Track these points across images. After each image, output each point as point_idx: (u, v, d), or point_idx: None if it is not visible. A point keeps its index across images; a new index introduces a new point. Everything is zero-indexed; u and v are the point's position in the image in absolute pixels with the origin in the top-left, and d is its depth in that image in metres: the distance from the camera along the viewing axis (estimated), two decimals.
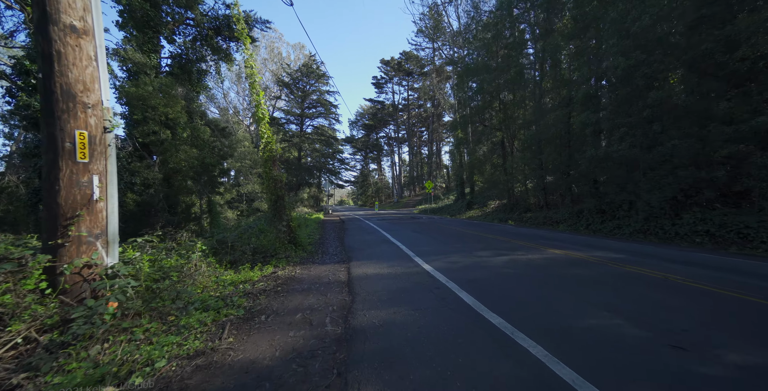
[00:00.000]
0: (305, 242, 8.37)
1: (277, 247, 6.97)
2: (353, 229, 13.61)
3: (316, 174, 40.85)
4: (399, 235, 10.67)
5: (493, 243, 8.25)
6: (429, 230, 12.42)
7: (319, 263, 6.60)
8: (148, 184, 15.08)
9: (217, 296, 4.17)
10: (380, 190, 60.00)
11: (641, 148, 8.27)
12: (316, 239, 10.22)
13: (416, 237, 10.02)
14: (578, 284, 4.38)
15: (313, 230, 12.60)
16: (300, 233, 9.21)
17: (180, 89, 18.69)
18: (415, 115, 59.23)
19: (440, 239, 9.53)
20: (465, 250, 7.24)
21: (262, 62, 40.86)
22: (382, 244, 8.80)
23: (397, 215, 23.89)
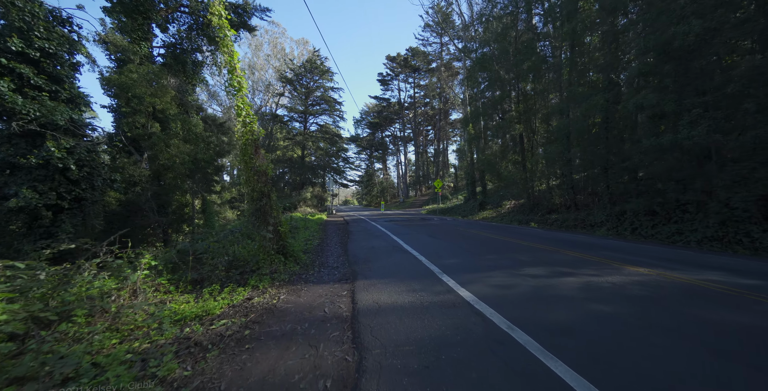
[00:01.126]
0: (299, 250, 6.70)
1: (261, 259, 5.31)
2: (358, 232, 11.93)
3: (320, 173, 39.34)
4: (413, 240, 8.96)
5: (538, 254, 6.49)
6: (447, 233, 10.68)
7: (314, 281, 4.92)
8: (134, 181, 13.58)
9: (136, 353, 2.49)
10: (385, 190, 58.31)
11: (723, 134, 6.45)
12: (314, 245, 8.55)
13: (435, 244, 8.29)
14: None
15: (312, 234, 10.95)
16: (294, 239, 7.55)
17: (173, 80, 17.21)
18: (421, 113, 57.50)
19: (465, 246, 7.79)
20: (506, 264, 5.50)
21: (265, 59, 39.51)
22: (394, 252, 7.10)
23: (405, 216, 22.16)
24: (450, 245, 8.02)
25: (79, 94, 10.64)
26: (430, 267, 5.41)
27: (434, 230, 11.70)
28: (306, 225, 13.63)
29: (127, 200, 13.27)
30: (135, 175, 13.37)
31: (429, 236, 9.78)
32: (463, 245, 7.98)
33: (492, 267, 5.27)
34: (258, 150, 5.66)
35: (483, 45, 17.66)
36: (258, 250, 5.35)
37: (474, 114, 21.82)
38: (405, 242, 8.68)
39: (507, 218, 17.00)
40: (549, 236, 9.78)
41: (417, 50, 47.25)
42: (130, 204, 13.41)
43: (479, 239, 9.14)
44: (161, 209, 15.48)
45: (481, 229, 12.25)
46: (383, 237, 9.96)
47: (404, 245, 8.14)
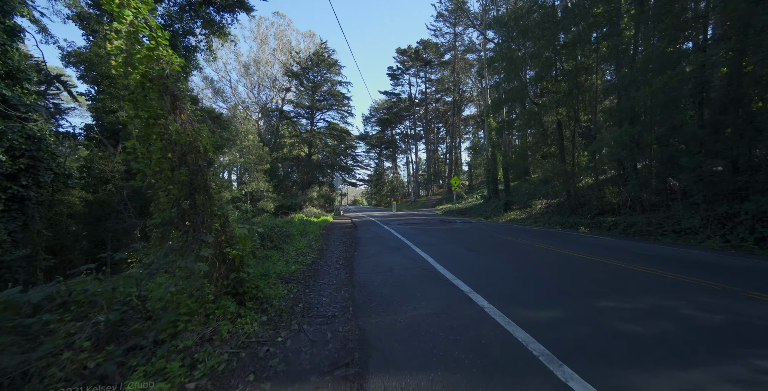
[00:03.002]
0: (272, 282, 4.09)
1: (184, 313, 2.71)
2: (369, 240, 9.29)
3: (327, 172, 36.95)
4: (447, 256, 6.25)
5: (691, 292, 3.70)
6: (485, 243, 7.92)
7: (280, 370, 2.29)
8: (105, 178, 11.32)
9: None
10: (395, 189, 55.61)
11: None
12: (305, 264, 5.93)
13: (483, 264, 5.56)
14: None
15: (309, 243, 8.36)
16: (270, 261, 4.91)
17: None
18: (433, 110, 54.53)
19: (533, 271, 5.04)
20: (676, 333, 2.77)
21: (270, 53, 37.36)
22: (427, 283, 4.41)
23: (420, 217, 19.40)
24: (509, 267, 5.26)
25: (19, 68, 8.35)
26: (517, 336, 2.69)
27: (465, 238, 8.95)
28: (305, 230, 11.09)
29: (97, 199, 11.01)
30: (106, 170, 11.11)
31: (465, 249, 7.04)
32: (529, 268, 5.21)
33: (652, 342, 2.53)
34: (180, 104, 3.09)
35: (515, 19, 14.71)
36: (178, 297, 2.74)
37: (495, 104, 18.87)
38: (436, 259, 5.98)
39: (543, 221, 14.06)
40: (631, 248, 6.91)
41: (428, 42, 44.33)
42: (102, 205, 11.15)
43: (539, 254, 6.35)
44: (144, 210, 13.23)
45: (523, 236, 9.42)
46: (402, 249, 7.28)
47: (437, 265, 5.44)
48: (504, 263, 5.49)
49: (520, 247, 7.28)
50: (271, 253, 6.28)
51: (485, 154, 38.11)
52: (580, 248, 6.93)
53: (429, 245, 7.80)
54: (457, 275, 4.67)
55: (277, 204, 29.30)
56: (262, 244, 6.69)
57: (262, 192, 28.24)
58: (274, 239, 7.02)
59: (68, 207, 10.08)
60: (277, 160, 33.04)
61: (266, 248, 6.62)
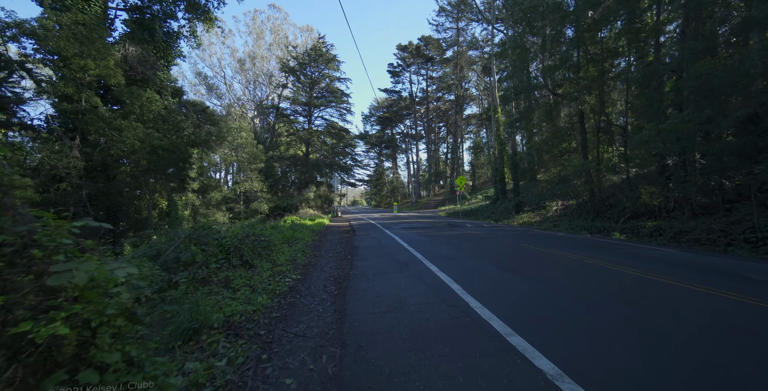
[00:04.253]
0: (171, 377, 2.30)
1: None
2: (369, 250, 7.52)
3: (326, 172, 35.16)
4: (477, 280, 4.46)
5: None
6: (516, 256, 6.16)
7: None
8: (58, 176, 9.52)
9: None
10: (396, 189, 53.86)
11: None
12: (281, 292, 4.12)
13: (553, 303, 3.77)
14: None
15: (293, 256, 6.54)
16: (197, 310, 3.12)
17: (132, 48, 13.18)
18: (434, 109, 52.87)
19: (617, 311, 3.27)
20: None
21: (267, 48, 35.59)
22: (464, 339, 2.62)
23: (424, 220, 17.63)
24: (591, 309, 3.48)
25: None
26: None
27: (488, 249, 7.18)
28: (293, 236, 9.31)
29: (46, 200, 9.20)
30: (59, 166, 9.30)
31: (497, 267, 5.26)
32: (623, 310, 3.42)
33: None
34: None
35: None
36: None
37: (506, 97, 17.12)
38: (465, 286, 4.18)
39: (563, 225, 12.30)
40: (719, 266, 5.15)
41: (430, 39, 42.68)
42: (53, 206, 9.30)
43: (604, 275, 4.57)
44: (111, 213, 11.42)
45: (555, 245, 7.65)
46: (412, 266, 5.50)
47: (470, 299, 3.64)
48: (574, 297, 3.71)
49: (568, 263, 5.50)
50: (237, 274, 4.51)
51: (490, 153, 36.25)
52: (648, 266, 5.17)
53: (446, 259, 6.02)
54: (511, 324, 2.89)
55: (272, 205, 27.48)
56: (227, 261, 4.91)
57: (255, 192, 26.43)
58: (245, 254, 5.26)
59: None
60: (273, 160, 31.23)
61: (232, 266, 4.84)
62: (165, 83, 15.84)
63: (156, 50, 14.98)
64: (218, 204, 24.54)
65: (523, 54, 14.75)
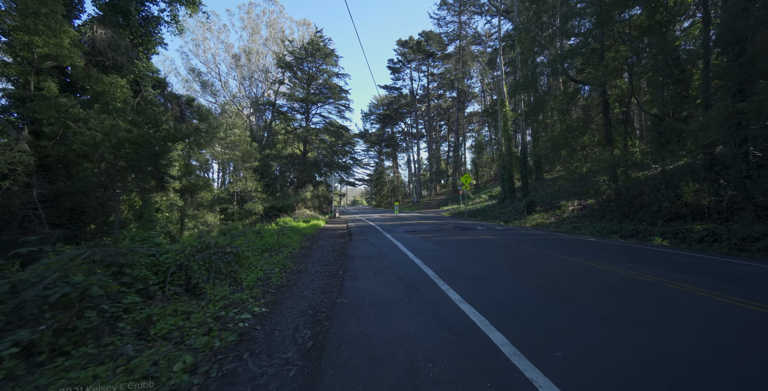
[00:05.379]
0: None
1: None
2: (366, 263, 6.00)
3: (324, 171, 33.64)
4: (524, 324, 2.91)
5: None
6: (574, 280, 4.61)
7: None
8: (1, 173, 8.00)
9: None
10: (396, 189, 52.32)
11: None
12: (226, 342, 2.60)
13: (675, 373, 2.23)
14: None
15: (267, 274, 4.99)
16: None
17: (101, 31, 11.65)
18: (435, 106, 51.36)
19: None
20: None
21: (263, 43, 34.08)
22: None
23: (428, 222, 16.10)
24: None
25: None
26: None
27: (516, 262, 5.64)
28: (278, 244, 7.79)
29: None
30: (0, 161, 7.79)
31: (543, 294, 3.71)
32: None
33: None
34: None
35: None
36: None
37: (515, 87, 15.51)
38: (515, 338, 2.65)
39: (586, 227, 10.76)
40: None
41: (431, 34, 41.14)
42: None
43: (736, 320, 3.06)
44: (74, 215, 9.90)
45: (596, 256, 6.11)
46: (423, 290, 3.96)
47: (540, 378, 2.11)
48: (723, 370, 2.18)
49: (646, 290, 3.95)
50: (168, 310, 2.99)
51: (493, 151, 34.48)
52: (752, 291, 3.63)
53: (466, 278, 4.49)
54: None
55: (268, 206, 25.98)
56: (162, 289, 3.39)
57: (249, 192, 24.93)
58: (194, 275, 3.75)
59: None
60: (269, 158, 29.70)
61: (167, 297, 3.30)
62: (145, 73, 14.31)
63: (133, 36, 13.45)
64: (210, 205, 23.01)
65: (537, 38, 13.19)
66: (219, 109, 34.56)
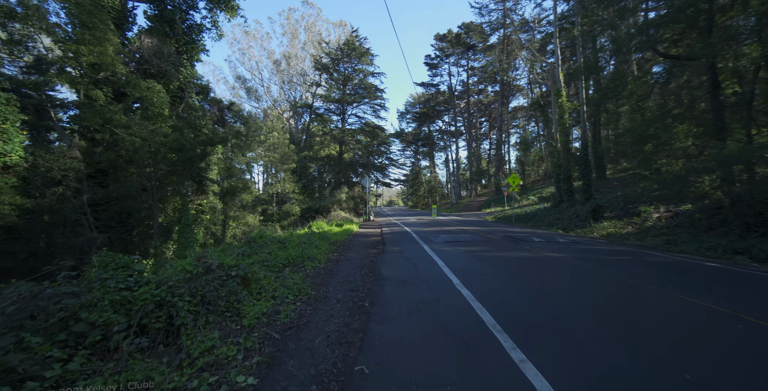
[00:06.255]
0: None
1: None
2: (397, 289, 4.79)
3: (360, 172, 33.20)
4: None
5: None
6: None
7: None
8: (54, 179, 8.35)
9: None
10: (434, 189, 50.25)
11: None
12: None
13: None
14: None
15: (273, 307, 3.98)
16: None
17: (148, 40, 12.07)
18: (475, 102, 48.31)
19: None
20: None
21: (301, 47, 34.73)
22: None
23: (472, 229, 14.37)
24: None
25: None
26: None
27: (615, 304, 3.96)
28: (302, 256, 6.95)
29: (41, 207, 8.05)
30: (54, 168, 8.10)
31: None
32: None
33: None
34: None
35: None
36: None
37: (583, 68, 13.03)
38: None
39: (686, 243, 8.27)
40: None
41: (471, 25, 38.48)
42: (49, 213, 8.16)
43: None
44: (122, 219, 10.26)
45: (742, 300, 4.14)
46: (484, 355, 2.62)
47: None
48: None
49: None
50: (127, 376, 2.11)
51: (547, 146, 30.58)
52: None
53: (552, 340, 3.02)
54: None
55: (305, 207, 26.16)
56: (133, 337, 2.56)
57: (287, 194, 25.29)
58: (180, 312, 2.89)
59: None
60: (306, 160, 30.04)
61: (132, 352, 2.45)
62: (189, 80, 14.79)
63: (178, 44, 13.88)
64: (252, 206, 23.70)
65: (608, 9, 10.79)
66: (262, 114, 36.06)
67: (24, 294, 2.26)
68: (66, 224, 8.57)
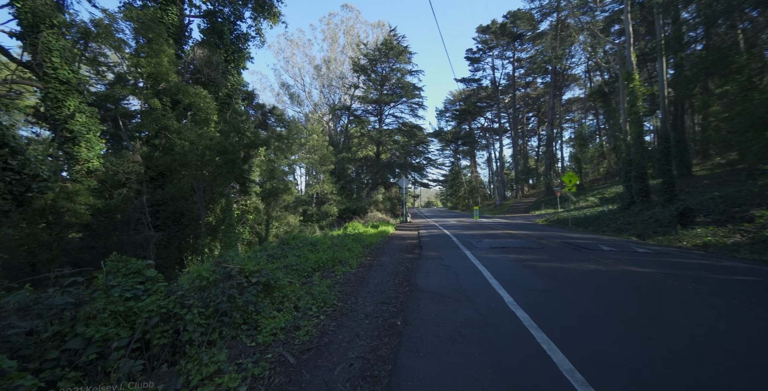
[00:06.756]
0: None
1: None
2: (435, 305, 4.07)
3: (397, 172, 32.69)
4: None
5: None
6: None
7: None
8: (120, 181, 9.21)
9: None
10: (475, 190, 47.64)
11: None
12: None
13: None
14: None
15: (293, 320, 3.52)
16: None
17: (200, 51, 12.96)
18: (521, 96, 44.81)
19: None
20: None
21: (340, 51, 35.45)
22: None
23: (521, 233, 12.90)
24: None
25: None
26: None
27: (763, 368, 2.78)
28: (333, 259, 6.58)
29: (108, 207, 8.92)
30: (120, 171, 8.94)
31: None
32: None
33: None
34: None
35: None
36: None
37: (673, 38, 10.75)
38: None
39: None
40: None
41: (518, 13, 35.63)
42: (114, 213, 9.03)
43: None
44: (175, 218, 11.07)
45: None
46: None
47: None
48: None
49: None
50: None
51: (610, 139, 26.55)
52: None
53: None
54: None
55: (343, 207, 26.44)
56: (136, 353, 2.28)
57: (326, 195, 25.78)
58: (189, 326, 2.58)
59: (78, 216, 8.21)
60: (345, 161, 30.44)
61: (123, 381, 2.16)
62: (237, 87, 15.68)
63: (226, 54, 14.77)
64: (294, 206, 24.57)
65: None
66: (304, 118, 37.59)
67: (25, 303, 2.07)
68: (130, 222, 9.45)
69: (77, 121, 9.98)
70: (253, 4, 14.97)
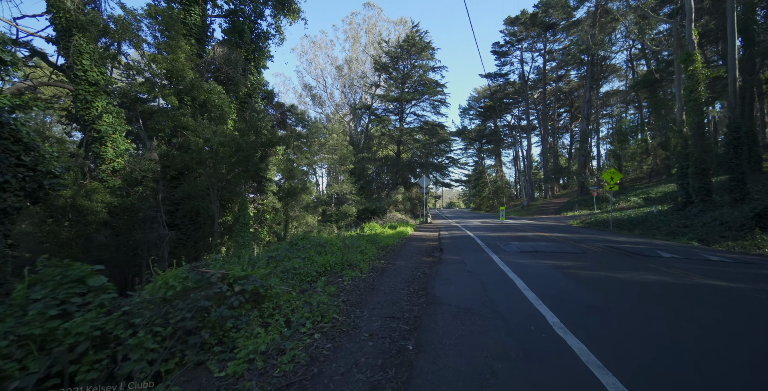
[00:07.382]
0: None
1: None
2: (456, 321, 3.23)
3: (418, 172, 31.69)
4: None
5: None
6: None
7: None
8: (136, 179, 9.23)
9: None
10: (500, 190, 45.28)
11: None
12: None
13: None
14: None
15: (277, 341, 2.85)
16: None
17: (220, 49, 12.95)
18: (552, 91, 42.09)
19: None
20: None
21: (362, 50, 35.14)
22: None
23: (553, 235, 11.55)
24: None
25: None
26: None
27: None
28: (342, 262, 5.92)
29: (125, 205, 8.95)
30: (136, 169, 8.95)
31: None
32: None
33: None
34: None
35: None
36: None
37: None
38: None
39: None
40: None
41: (551, 1, 33.33)
42: (129, 212, 9.04)
43: None
44: (191, 217, 11.03)
45: None
46: None
47: None
48: None
49: None
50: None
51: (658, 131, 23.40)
52: None
53: None
54: None
55: (362, 207, 25.95)
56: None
57: (345, 195, 25.42)
58: (130, 356, 2.02)
59: (94, 213, 8.30)
60: (364, 161, 29.99)
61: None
62: (256, 86, 15.66)
63: (246, 53, 14.74)
64: (314, 206, 24.43)
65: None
66: (325, 118, 37.74)
67: None
68: (145, 220, 9.48)
69: (104, 122, 10.22)
70: (273, 2, 14.84)
